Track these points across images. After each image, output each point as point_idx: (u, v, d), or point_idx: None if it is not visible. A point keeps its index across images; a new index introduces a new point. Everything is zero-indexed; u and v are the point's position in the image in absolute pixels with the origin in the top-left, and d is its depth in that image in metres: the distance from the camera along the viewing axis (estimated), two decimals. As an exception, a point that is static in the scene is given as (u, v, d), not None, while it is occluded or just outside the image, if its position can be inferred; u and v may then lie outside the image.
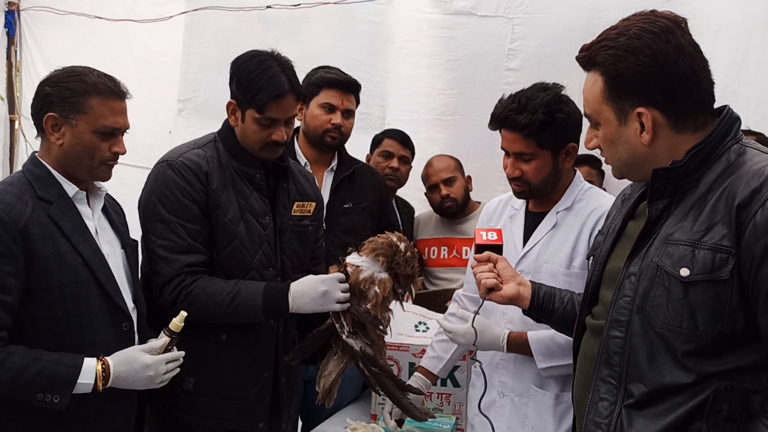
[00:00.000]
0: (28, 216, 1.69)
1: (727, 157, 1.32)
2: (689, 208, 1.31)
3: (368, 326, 1.92)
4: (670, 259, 1.29)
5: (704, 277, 1.24)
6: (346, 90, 2.63)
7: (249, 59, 2.02)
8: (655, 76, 1.30)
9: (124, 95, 1.83)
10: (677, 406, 1.27)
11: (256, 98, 1.97)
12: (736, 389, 1.24)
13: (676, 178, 1.33)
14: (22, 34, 3.87)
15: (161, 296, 1.98)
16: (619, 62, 1.31)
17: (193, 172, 1.99)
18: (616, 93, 1.33)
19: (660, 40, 1.30)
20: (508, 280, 1.71)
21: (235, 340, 2.04)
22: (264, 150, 2.04)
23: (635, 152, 1.36)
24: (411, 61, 3.49)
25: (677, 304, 1.27)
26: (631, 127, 1.34)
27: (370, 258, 1.89)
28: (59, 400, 1.65)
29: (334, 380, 1.94)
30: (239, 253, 2.01)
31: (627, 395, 1.34)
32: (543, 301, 1.71)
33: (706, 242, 1.25)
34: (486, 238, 1.76)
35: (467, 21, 3.41)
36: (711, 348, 1.25)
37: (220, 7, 3.54)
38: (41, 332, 1.71)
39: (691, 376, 1.26)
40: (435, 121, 3.49)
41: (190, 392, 2.03)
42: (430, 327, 2.45)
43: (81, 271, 1.75)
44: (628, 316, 1.34)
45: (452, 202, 2.95)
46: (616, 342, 1.35)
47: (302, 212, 2.20)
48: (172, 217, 1.97)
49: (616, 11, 3.13)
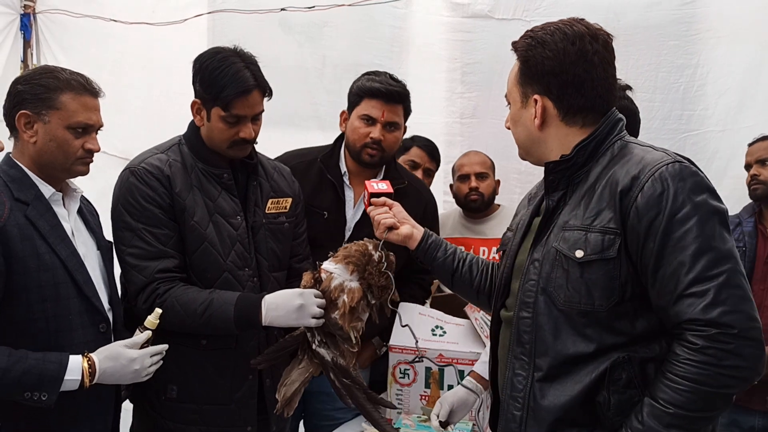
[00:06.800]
0: (5, 217, 1.73)
1: (611, 151, 1.56)
2: (581, 198, 1.54)
3: (337, 338, 1.95)
4: (566, 243, 1.52)
5: (596, 256, 1.47)
6: (389, 100, 2.49)
7: (211, 56, 2.04)
8: (553, 69, 1.55)
9: (96, 93, 1.89)
10: (583, 376, 1.49)
11: (221, 96, 2.00)
12: (634, 359, 1.46)
13: (567, 171, 1.57)
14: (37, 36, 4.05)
15: (136, 305, 2.02)
16: (530, 50, 1.58)
17: (155, 176, 2.03)
18: (523, 78, 1.60)
19: (567, 41, 1.55)
20: (403, 222, 1.97)
21: (215, 344, 2.07)
22: (232, 148, 2.08)
23: (530, 134, 1.62)
24: (430, 65, 3.62)
25: (575, 283, 1.49)
26: (529, 110, 1.60)
27: (342, 265, 1.93)
28: (47, 398, 1.70)
29: (297, 390, 1.95)
30: (210, 255, 2.05)
31: (536, 369, 1.54)
32: (429, 246, 1.96)
33: (596, 226, 1.49)
34: (378, 188, 2.02)
35: (485, 24, 3.56)
36: (607, 319, 1.47)
37: (234, 9, 3.67)
38: (20, 334, 1.75)
39: (591, 346, 1.48)
40: (454, 125, 3.64)
41: (174, 399, 2.08)
42: (447, 331, 2.51)
43: (59, 272, 1.80)
44: (534, 298, 1.56)
45: (479, 196, 3.07)
46: (525, 321, 1.57)
47: (277, 209, 2.22)
48: (138, 224, 2.01)
49: (635, 13, 3.42)
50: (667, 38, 3.38)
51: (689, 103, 3.38)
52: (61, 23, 3.99)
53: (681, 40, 3.36)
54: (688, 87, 3.38)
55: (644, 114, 2.49)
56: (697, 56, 3.34)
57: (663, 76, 3.38)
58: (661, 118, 3.40)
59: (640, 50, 3.38)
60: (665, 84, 3.38)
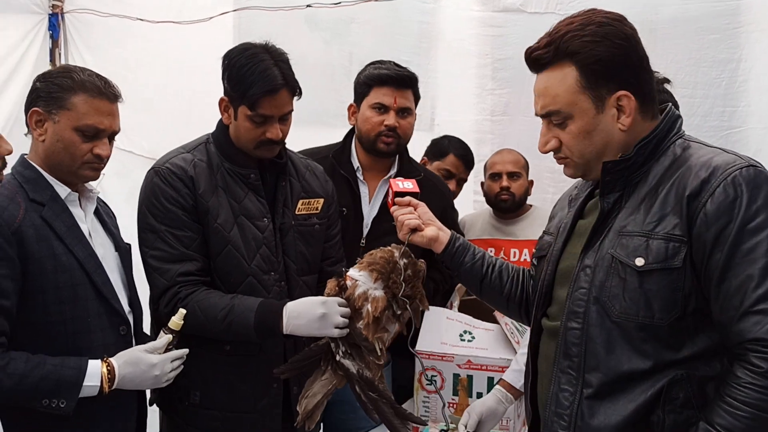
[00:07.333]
0: (21, 218, 1.71)
1: (673, 151, 1.46)
2: (640, 201, 1.44)
3: (363, 349, 1.87)
4: (624, 250, 1.42)
5: (659, 265, 1.37)
6: (400, 85, 2.48)
7: (240, 53, 2.00)
8: (629, 58, 1.45)
9: (114, 97, 1.84)
10: (637, 395, 1.39)
11: (247, 94, 1.95)
12: (693, 377, 1.37)
13: (625, 171, 1.47)
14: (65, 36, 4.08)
15: (158, 309, 2.00)
16: (597, 47, 1.44)
17: (179, 177, 1.99)
18: (594, 80, 1.45)
19: (624, 25, 1.46)
20: (428, 223, 1.86)
21: (238, 350, 2.03)
22: (259, 149, 2.03)
23: (611, 140, 1.48)
24: (460, 61, 3.58)
25: (633, 294, 1.39)
26: (608, 114, 1.46)
27: (366, 272, 1.84)
28: (65, 405, 1.67)
29: (319, 402, 1.86)
30: (233, 258, 2.01)
31: (586, 385, 1.45)
32: (457, 250, 1.84)
33: (659, 232, 1.39)
34: (403, 187, 1.92)
35: (517, 18, 3.50)
36: (667, 335, 1.38)
37: (260, 7, 3.67)
38: (37, 337, 1.73)
39: (648, 363, 1.38)
40: (484, 122, 3.59)
41: (197, 405, 2.05)
42: (476, 336, 2.45)
43: (76, 273, 1.77)
44: (585, 307, 1.46)
45: (510, 195, 3.01)
46: (574, 333, 1.48)
47: (308, 210, 2.16)
48: (162, 225, 1.98)
49: (673, 6, 3.31)
50: (707, 32, 3.30)
51: (731, 99, 3.30)
52: (88, 23, 4.01)
53: (723, 34, 3.28)
54: (730, 82, 3.29)
55: (684, 110, 2.37)
56: (740, 50, 3.26)
57: (704, 71, 3.30)
58: (701, 114, 3.31)
59: (679, 44, 3.30)
60: (706, 79, 3.30)
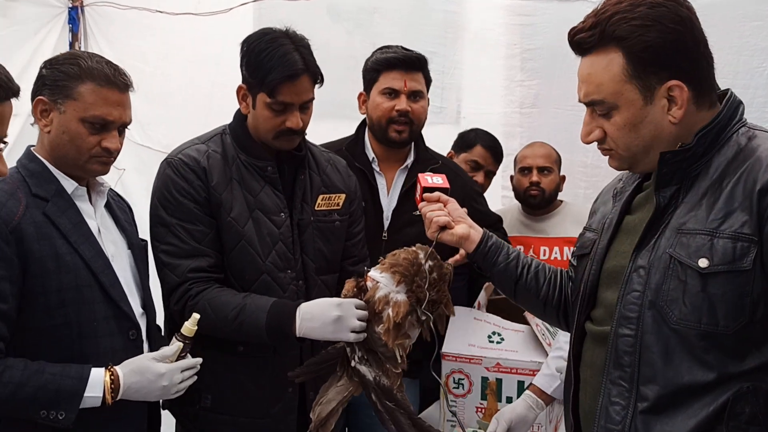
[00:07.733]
0: (20, 214, 1.63)
1: (737, 141, 1.33)
2: (701, 195, 1.32)
3: (380, 355, 1.78)
4: (685, 249, 1.30)
5: (725, 267, 1.25)
6: (409, 68, 2.41)
7: (259, 37, 1.94)
8: (683, 44, 1.31)
9: (124, 86, 1.74)
10: (698, 409, 1.28)
11: (266, 80, 1.89)
12: (760, 390, 1.25)
13: (684, 162, 1.34)
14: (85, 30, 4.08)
15: (168, 306, 1.95)
16: (648, 32, 1.31)
17: (191, 168, 1.94)
18: (642, 68, 1.33)
19: (680, 6, 1.32)
20: (458, 220, 1.74)
21: (252, 350, 1.97)
22: (278, 139, 1.96)
23: (661, 133, 1.36)
24: (487, 52, 3.51)
25: (694, 298, 1.28)
26: (658, 105, 1.34)
27: (388, 274, 1.76)
28: (65, 417, 1.59)
29: (333, 410, 1.78)
30: (247, 254, 1.94)
31: (640, 398, 1.34)
32: (489, 249, 1.72)
33: (725, 231, 1.27)
34: (432, 182, 1.82)
35: (547, 6, 3.42)
36: (733, 344, 1.26)
37: None
38: (40, 342, 1.65)
39: (711, 375, 1.27)
40: (513, 114, 3.51)
41: (209, 409, 2.00)
42: (505, 338, 2.38)
43: (81, 273, 1.69)
44: (639, 312, 1.35)
45: (539, 191, 2.93)
46: (626, 341, 1.36)
47: (329, 206, 2.09)
48: (173, 219, 1.92)
49: (713, -10, 3.16)
50: (749, 18, 3.19)
51: (774, 89, 3.20)
52: (107, 15, 4.01)
53: (765, 21, 3.18)
54: (773, 72, 3.20)
55: (725, 101, 2.29)
56: (784, 38, 3.16)
57: (745, 60, 3.19)
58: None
59: (719, 31, 3.11)
60: (748, 68, 3.19)
